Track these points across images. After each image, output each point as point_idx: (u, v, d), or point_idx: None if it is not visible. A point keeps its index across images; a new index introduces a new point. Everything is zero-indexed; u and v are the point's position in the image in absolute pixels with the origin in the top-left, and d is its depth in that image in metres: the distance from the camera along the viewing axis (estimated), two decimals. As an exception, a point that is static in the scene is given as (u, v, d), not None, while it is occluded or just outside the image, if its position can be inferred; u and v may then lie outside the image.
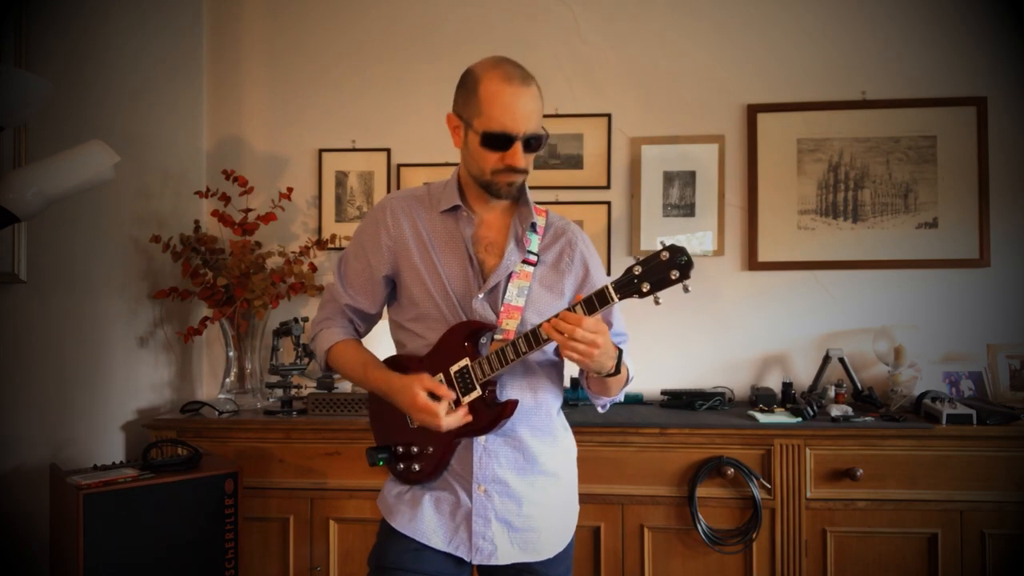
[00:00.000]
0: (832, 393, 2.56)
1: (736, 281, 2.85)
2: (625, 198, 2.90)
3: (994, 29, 2.75)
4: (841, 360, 2.67)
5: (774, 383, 2.78)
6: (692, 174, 2.87)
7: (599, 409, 1.72)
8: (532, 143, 1.51)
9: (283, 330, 2.65)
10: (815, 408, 2.40)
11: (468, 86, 1.52)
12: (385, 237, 1.61)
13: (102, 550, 1.91)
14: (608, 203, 2.89)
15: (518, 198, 1.63)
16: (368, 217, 1.67)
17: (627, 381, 1.64)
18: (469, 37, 2.93)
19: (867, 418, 2.35)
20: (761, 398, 2.56)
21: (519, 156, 1.50)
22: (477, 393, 1.51)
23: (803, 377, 2.79)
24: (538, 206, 1.66)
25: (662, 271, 1.34)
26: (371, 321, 1.74)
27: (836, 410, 2.38)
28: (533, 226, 1.61)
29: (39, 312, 2.16)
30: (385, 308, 1.73)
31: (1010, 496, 2.25)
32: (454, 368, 1.53)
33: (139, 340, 2.64)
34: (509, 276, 1.57)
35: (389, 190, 2.96)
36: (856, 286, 2.80)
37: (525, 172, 1.54)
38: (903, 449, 2.28)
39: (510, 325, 1.53)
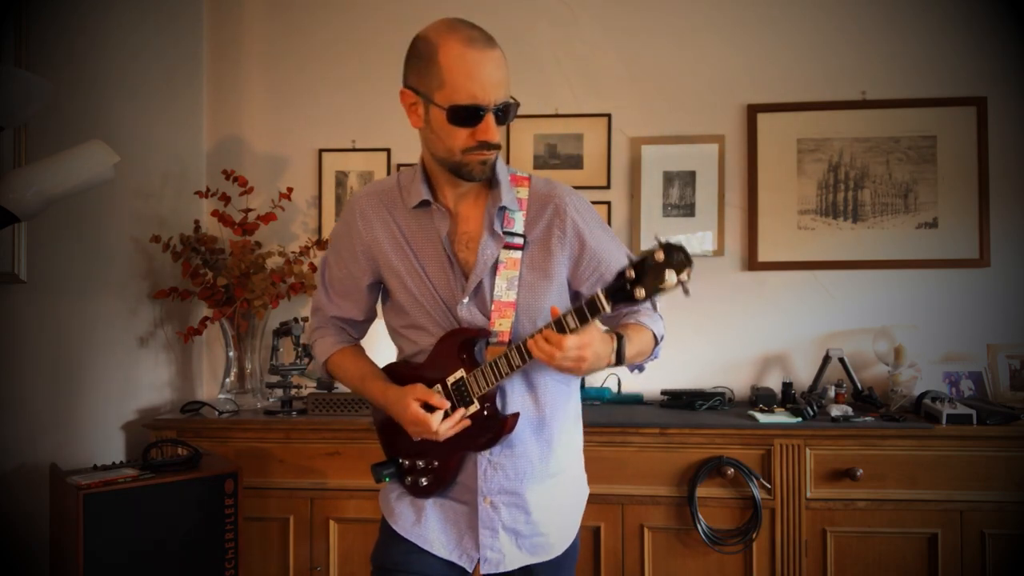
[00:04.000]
0: (832, 393, 2.56)
1: (736, 281, 2.85)
2: (625, 198, 2.90)
3: (994, 29, 2.75)
4: (841, 360, 2.67)
5: (774, 383, 2.78)
6: (692, 174, 2.87)
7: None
8: (503, 114, 1.34)
9: (283, 330, 2.65)
10: (815, 408, 2.40)
11: (423, 54, 1.34)
12: (359, 244, 1.50)
13: (102, 550, 1.91)
14: (608, 203, 2.89)
15: (491, 175, 1.44)
16: (340, 221, 1.55)
17: (655, 348, 1.49)
18: (469, 37, 2.93)
19: (867, 418, 2.35)
20: (761, 398, 2.56)
21: (492, 129, 1.33)
22: (476, 407, 1.43)
23: (803, 377, 2.79)
24: (518, 175, 1.48)
25: (657, 274, 1.19)
26: (362, 328, 1.66)
27: (836, 410, 2.38)
28: (504, 209, 1.43)
29: (39, 312, 2.16)
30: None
31: (1010, 496, 2.25)
32: (450, 380, 1.44)
33: (139, 340, 2.64)
34: (495, 269, 1.42)
35: (389, 190, 2.95)
36: (856, 286, 2.80)
37: (498, 147, 1.37)
38: (903, 449, 2.28)
39: (504, 325, 1.41)
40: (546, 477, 1.55)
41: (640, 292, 1.21)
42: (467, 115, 1.31)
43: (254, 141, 3.02)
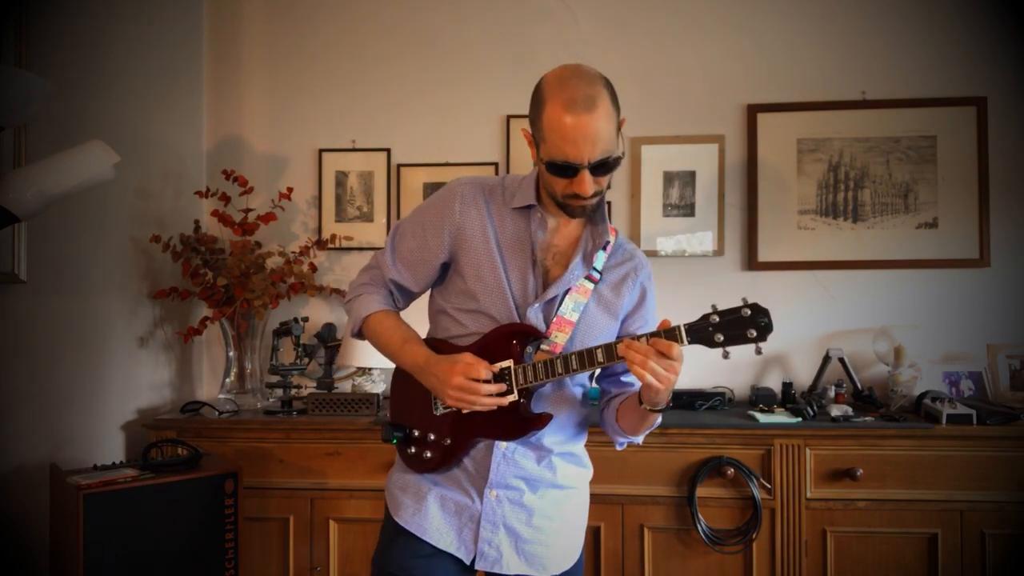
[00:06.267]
0: (832, 393, 2.56)
1: (736, 281, 2.85)
2: (625, 198, 2.90)
3: (994, 29, 2.75)
4: (841, 360, 2.67)
5: (774, 383, 2.78)
6: (692, 174, 2.87)
7: (617, 447, 1.68)
8: (600, 167, 1.42)
9: (283, 330, 2.65)
10: (815, 408, 2.41)
11: (536, 105, 1.44)
12: (449, 224, 1.54)
13: (102, 550, 1.91)
14: (608, 203, 2.89)
15: (596, 212, 1.55)
16: (436, 197, 1.59)
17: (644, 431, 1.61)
18: (469, 37, 2.93)
19: (867, 418, 2.35)
20: (761, 398, 2.56)
21: (585, 184, 1.41)
22: (513, 398, 1.46)
23: (803, 377, 2.79)
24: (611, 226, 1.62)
25: (739, 327, 1.32)
26: (411, 299, 1.68)
27: (836, 410, 2.38)
28: (605, 245, 1.57)
29: (39, 312, 2.16)
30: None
31: (1010, 496, 2.25)
32: (496, 367, 1.48)
33: (139, 340, 2.64)
34: (568, 289, 1.53)
35: (389, 190, 2.96)
36: (856, 286, 2.80)
37: (596, 195, 1.46)
38: (903, 449, 2.28)
39: (559, 338, 1.50)
40: (555, 487, 1.58)
41: (719, 337, 1.33)
42: (562, 170, 1.41)
43: (254, 141, 3.02)
